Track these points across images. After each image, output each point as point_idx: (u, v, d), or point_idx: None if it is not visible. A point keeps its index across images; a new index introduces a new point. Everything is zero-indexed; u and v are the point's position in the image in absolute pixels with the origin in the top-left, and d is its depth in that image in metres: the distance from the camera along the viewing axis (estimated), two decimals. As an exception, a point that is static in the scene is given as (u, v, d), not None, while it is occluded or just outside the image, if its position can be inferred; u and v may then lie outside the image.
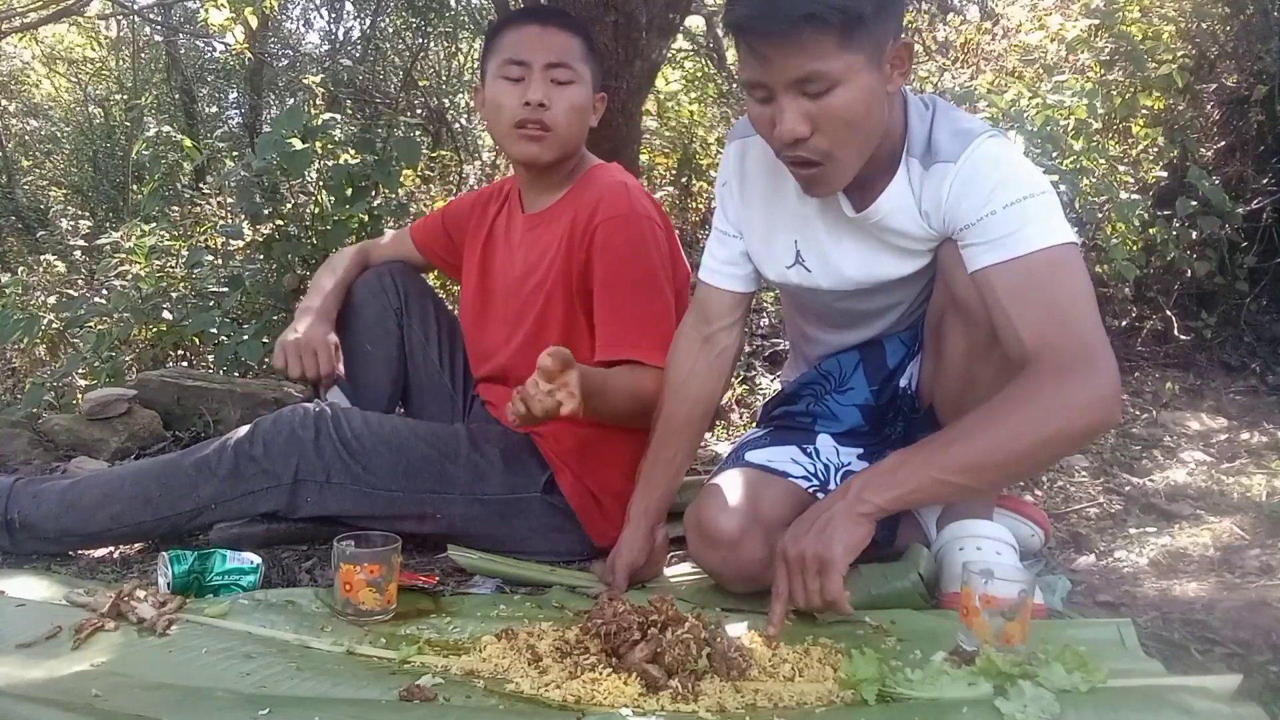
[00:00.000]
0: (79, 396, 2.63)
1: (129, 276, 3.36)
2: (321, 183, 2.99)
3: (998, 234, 1.31)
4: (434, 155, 5.30)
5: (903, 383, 1.61)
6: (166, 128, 3.61)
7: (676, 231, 1.84)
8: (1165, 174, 3.41)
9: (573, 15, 1.88)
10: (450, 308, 2.14)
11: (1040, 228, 1.30)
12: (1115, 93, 3.46)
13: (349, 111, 6.21)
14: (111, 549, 1.71)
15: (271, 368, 2.14)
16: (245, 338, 2.72)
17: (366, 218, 2.90)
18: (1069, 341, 1.25)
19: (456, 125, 6.64)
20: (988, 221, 1.31)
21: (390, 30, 7.02)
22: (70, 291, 3.70)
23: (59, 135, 9.61)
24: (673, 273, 1.75)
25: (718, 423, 2.82)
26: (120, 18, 8.11)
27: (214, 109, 8.74)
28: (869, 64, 1.25)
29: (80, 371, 2.93)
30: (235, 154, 4.60)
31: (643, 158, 4.58)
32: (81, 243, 5.01)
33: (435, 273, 2.38)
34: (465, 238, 1.96)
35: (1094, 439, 1.36)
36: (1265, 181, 3.48)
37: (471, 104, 6.75)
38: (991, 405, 1.25)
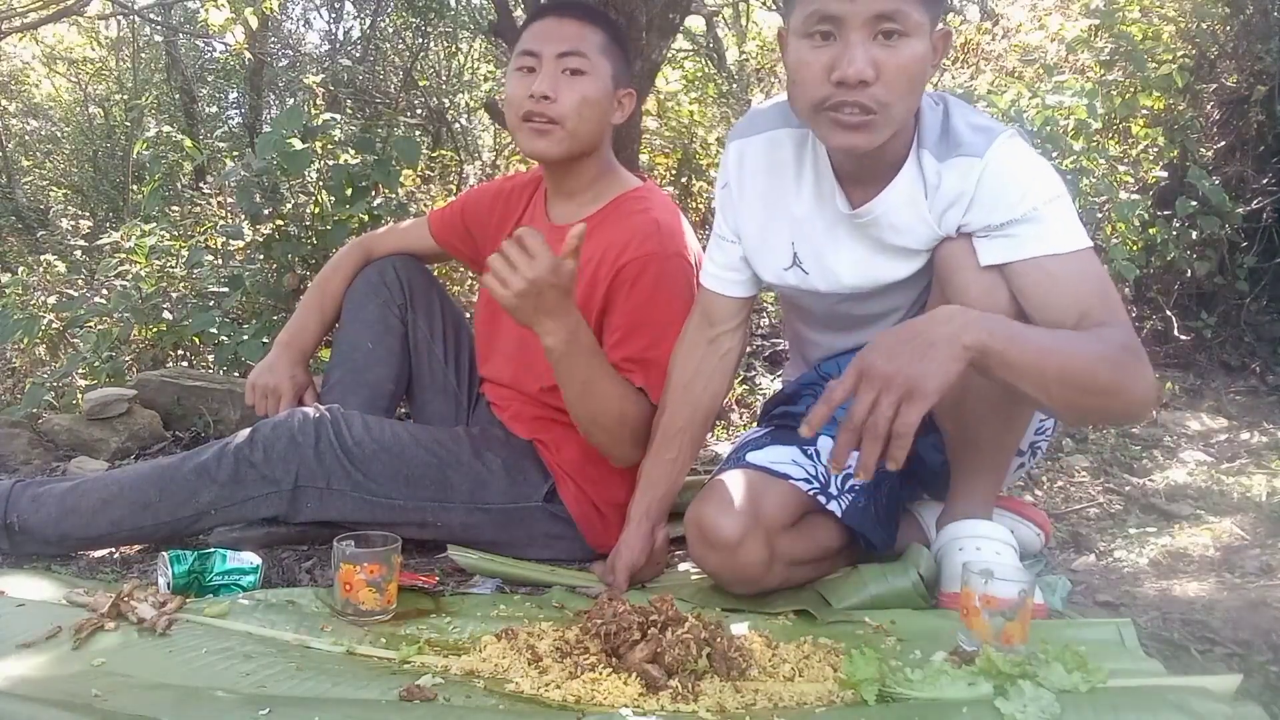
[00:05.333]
0: (79, 396, 2.62)
1: (129, 276, 3.36)
2: (321, 183, 2.98)
3: (1045, 227, 1.33)
4: (434, 155, 5.30)
5: None
6: (166, 128, 3.61)
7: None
8: (1165, 174, 3.41)
9: (598, 9, 1.80)
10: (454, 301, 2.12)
11: (1078, 229, 1.34)
12: (1115, 93, 3.46)
13: (349, 111, 6.20)
14: (111, 550, 1.71)
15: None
16: (245, 338, 2.71)
17: (366, 218, 2.90)
18: (1129, 337, 1.26)
19: (456, 125, 6.63)
20: (1033, 216, 1.33)
21: (390, 30, 7.02)
22: (70, 291, 3.69)
23: (59, 135, 9.61)
24: None
25: (718, 423, 2.82)
26: (120, 18, 8.11)
27: (214, 109, 8.74)
28: (928, 33, 1.28)
29: (80, 371, 2.93)
30: (235, 154, 4.60)
31: (643, 158, 4.58)
32: (81, 243, 5.01)
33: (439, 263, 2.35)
34: (487, 233, 1.92)
35: (1129, 421, 1.37)
36: (1265, 181, 3.47)
37: (471, 104, 6.75)
38: (1076, 333, 1.25)
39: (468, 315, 2.36)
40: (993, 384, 1.39)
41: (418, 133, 6.10)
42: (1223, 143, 3.61)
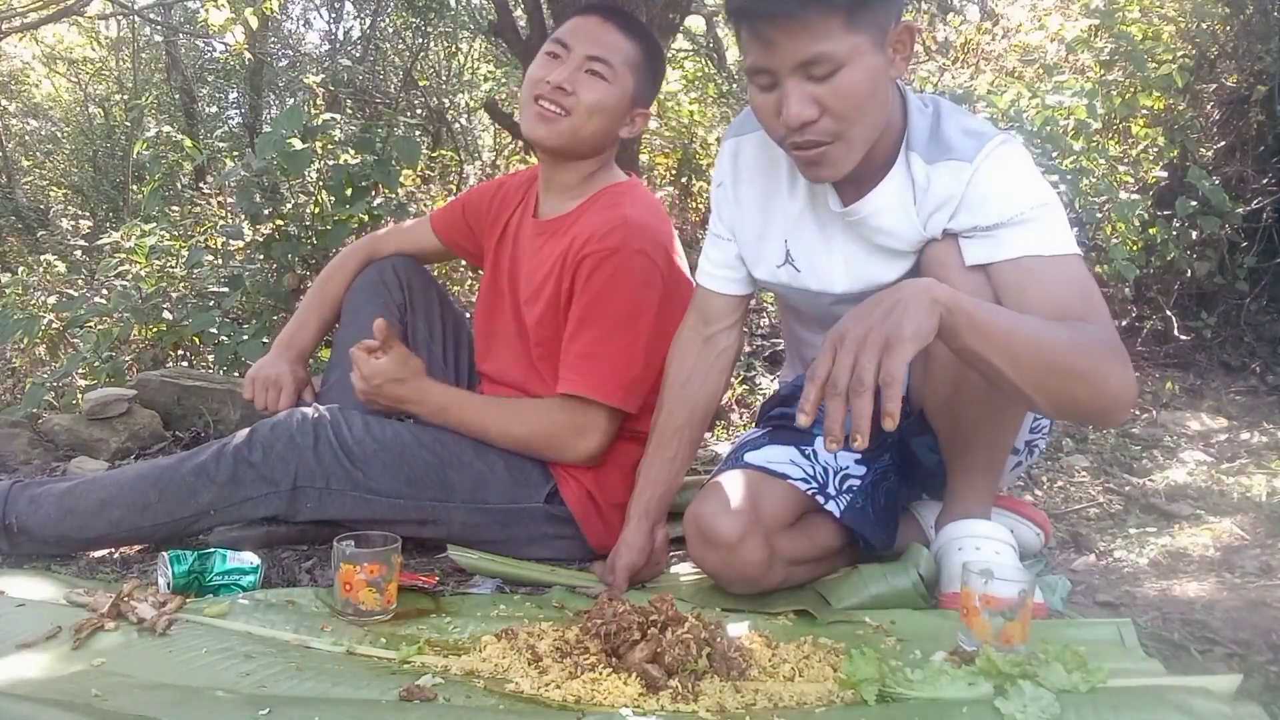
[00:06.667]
0: (79, 396, 2.63)
1: (129, 276, 3.36)
2: (321, 183, 2.99)
3: (1030, 229, 1.33)
4: (434, 155, 5.31)
5: None
6: (166, 128, 3.62)
7: (676, 233, 1.82)
8: (1165, 174, 3.41)
9: (643, 24, 1.79)
10: (454, 302, 2.13)
11: (1065, 235, 1.34)
12: (1115, 93, 3.46)
13: (349, 111, 6.20)
14: (111, 550, 1.71)
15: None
16: (245, 338, 2.72)
17: (366, 218, 2.90)
18: (1109, 336, 1.26)
19: (456, 125, 6.64)
20: (1019, 220, 1.33)
21: (390, 30, 7.03)
22: (70, 291, 3.70)
23: (59, 135, 9.62)
24: (669, 301, 1.68)
25: (718, 423, 2.82)
26: (120, 18, 8.11)
27: (214, 109, 8.75)
28: (873, 46, 1.26)
29: (80, 371, 2.93)
30: (235, 154, 4.60)
31: (643, 158, 4.58)
32: (81, 243, 5.02)
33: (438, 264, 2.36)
34: (483, 227, 1.93)
35: (1106, 419, 1.34)
36: (1265, 181, 3.48)
37: (471, 104, 6.75)
38: (1052, 321, 1.24)
39: (467, 315, 2.36)
40: (981, 386, 1.39)
41: (418, 133, 6.09)
42: (1223, 143, 3.61)
